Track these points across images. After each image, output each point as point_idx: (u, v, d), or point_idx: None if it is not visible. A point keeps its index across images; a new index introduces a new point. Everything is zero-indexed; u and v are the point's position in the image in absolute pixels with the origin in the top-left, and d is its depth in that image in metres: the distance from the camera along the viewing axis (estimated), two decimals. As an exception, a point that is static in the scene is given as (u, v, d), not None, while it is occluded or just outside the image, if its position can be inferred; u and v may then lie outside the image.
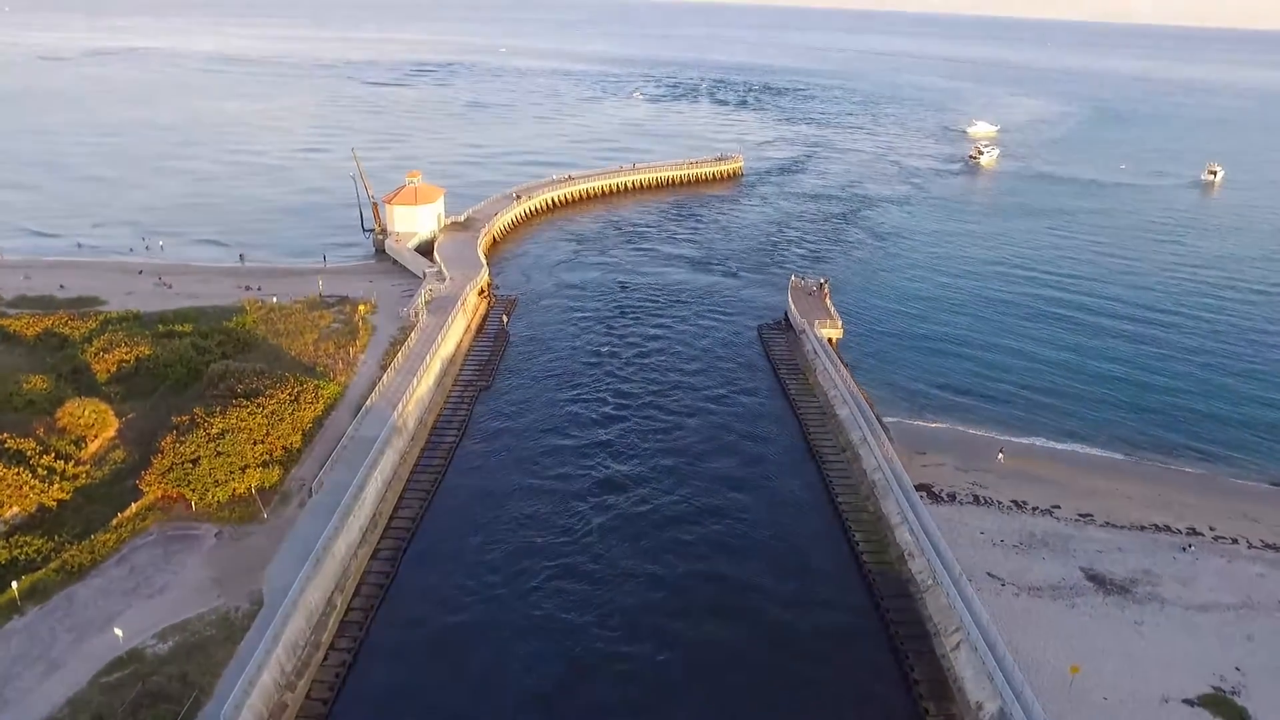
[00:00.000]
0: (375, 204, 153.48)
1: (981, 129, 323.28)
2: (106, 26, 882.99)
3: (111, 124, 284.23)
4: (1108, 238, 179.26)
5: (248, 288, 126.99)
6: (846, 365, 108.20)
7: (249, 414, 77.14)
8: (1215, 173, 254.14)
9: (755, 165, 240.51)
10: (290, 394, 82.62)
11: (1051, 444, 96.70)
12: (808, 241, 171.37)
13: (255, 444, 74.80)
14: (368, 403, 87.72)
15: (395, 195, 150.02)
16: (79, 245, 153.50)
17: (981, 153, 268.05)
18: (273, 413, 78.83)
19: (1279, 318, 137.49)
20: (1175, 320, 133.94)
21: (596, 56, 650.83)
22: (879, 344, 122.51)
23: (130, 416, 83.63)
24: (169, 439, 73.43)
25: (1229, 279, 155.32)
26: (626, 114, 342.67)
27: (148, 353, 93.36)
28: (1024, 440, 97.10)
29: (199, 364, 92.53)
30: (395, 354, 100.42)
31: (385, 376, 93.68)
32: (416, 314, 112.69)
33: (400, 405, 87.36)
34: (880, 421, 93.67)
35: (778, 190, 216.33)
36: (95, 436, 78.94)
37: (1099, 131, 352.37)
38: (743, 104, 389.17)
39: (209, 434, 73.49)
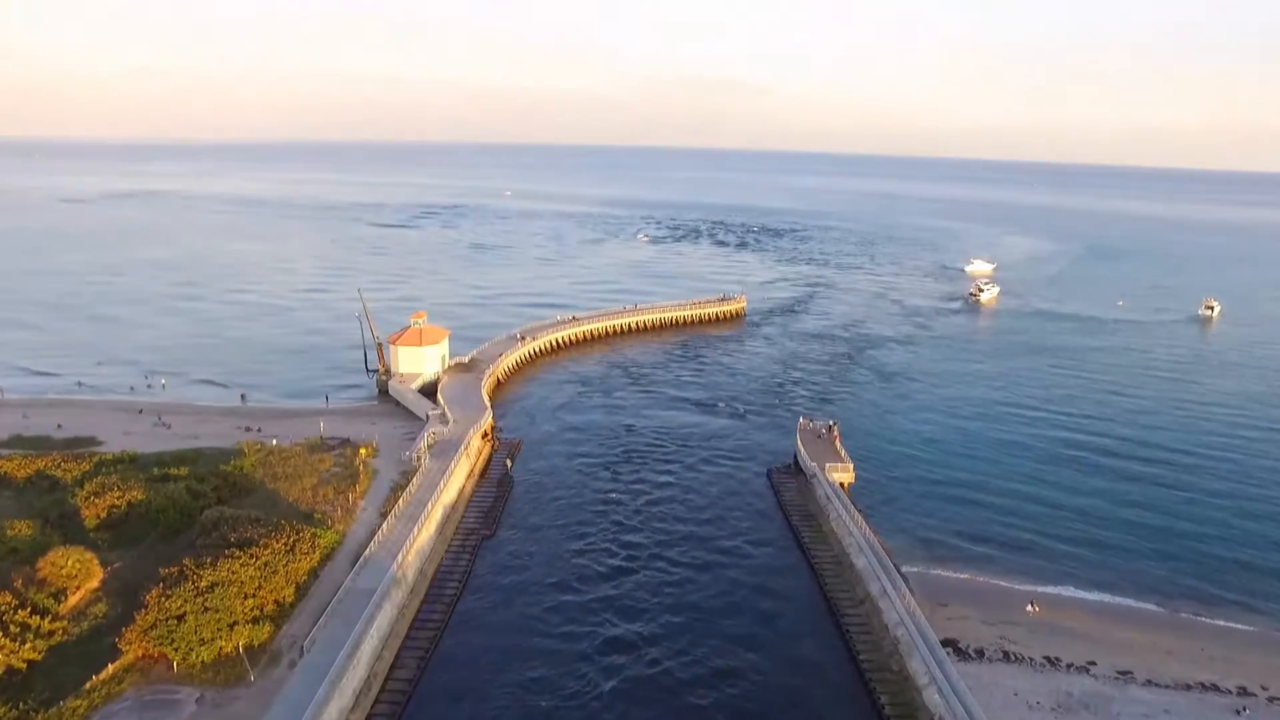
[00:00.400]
0: (380, 344, 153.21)
1: (979, 267, 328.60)
2: (127, 171, 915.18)
3: (122, 264, 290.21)
4: (1115, 376, 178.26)
5: (248, 429, 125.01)
6: (861, 511, 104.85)
7: (241, 565, 73.53)
8: (1212, 308, 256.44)
9: (758, 305, 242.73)
10: (286, 543, 79.20)
11: (1080, 594, 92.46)
12: (814, 382, 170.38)
13: (246, 598, 70.92)
14: (366, 552, 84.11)
15: (400, 336, 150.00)
16: (79, 384, 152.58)
17: (982, 290, 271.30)
18: (266, 564, 75.20)
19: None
20: (1194, 461, 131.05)
21: (598, 199, 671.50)
22: (892, 488, 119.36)
23: (116, 566, 79.92)
24: (155, 592, 69.69)
25: (1244, 418, 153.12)
26: (628, 255, 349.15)
27: (140, 497, 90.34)
28: (1050, 589, 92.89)
29: (193, 509, 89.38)
30: (396, 500, 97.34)
31: (385, 524, 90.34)
32: (419, 458, 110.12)
33: (400, 555, 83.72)
34: (899, 571, 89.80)
35: (781, 330, 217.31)
36: (77, 588, 75.06)
37: (1092, 268, 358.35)
38: (743, 245, 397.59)
39: (198, 587, 69.76)
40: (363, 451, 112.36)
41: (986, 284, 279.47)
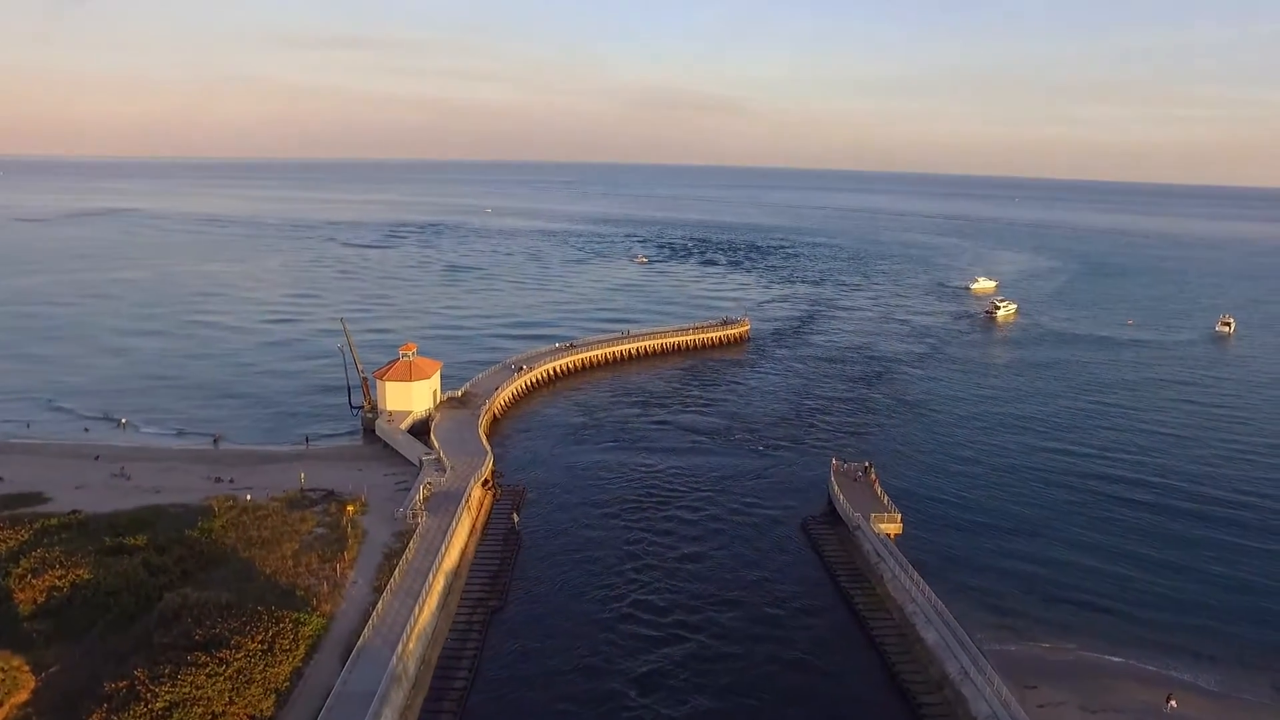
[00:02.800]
0: (365, 379, 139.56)
1: (983, 284, 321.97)
2: (93, 189, 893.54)
3: (77, 287, 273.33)
4: (1152, 406, 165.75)
5: (218, 479, 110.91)
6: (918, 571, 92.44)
7: (208, 676, 59.85)
8: (1229, 324, 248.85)
9: (760, 327, 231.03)
10: (263, 640, 65.47)
11: (1186, 676, 79.95)
12: (835, 411, 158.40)
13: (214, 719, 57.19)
14: (360, 641, 70.53)
15: (387, 370, 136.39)
16: (28, 425, 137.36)
17: (998, 308, 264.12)
18: (239, 671, 61.51)
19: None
20: (1266, 505, 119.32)
21: (581, 216, 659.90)
22: (942, 540, 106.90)
23: (53, 670, 65.82)
24: (97, 717, 55.76)
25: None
26: (617, 276, 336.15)
27: (86, 576, 76.24)
28: (1151, 667, 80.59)
29: (151, 589, 75.44)
30: (391, 570, 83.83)
31: (380, 603, 76.87)
32: (415, 515, 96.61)
33: (400, 644, 70.28)
34: (979, 647, 77.44)
35: (790, 353, 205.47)
36: (1, 703, 60.97)
37: (1093, 284, 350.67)
38: (735, 264, 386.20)
39: (152, 710, 56.08)
40: (350, 509, 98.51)
41: (1002, 301, 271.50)
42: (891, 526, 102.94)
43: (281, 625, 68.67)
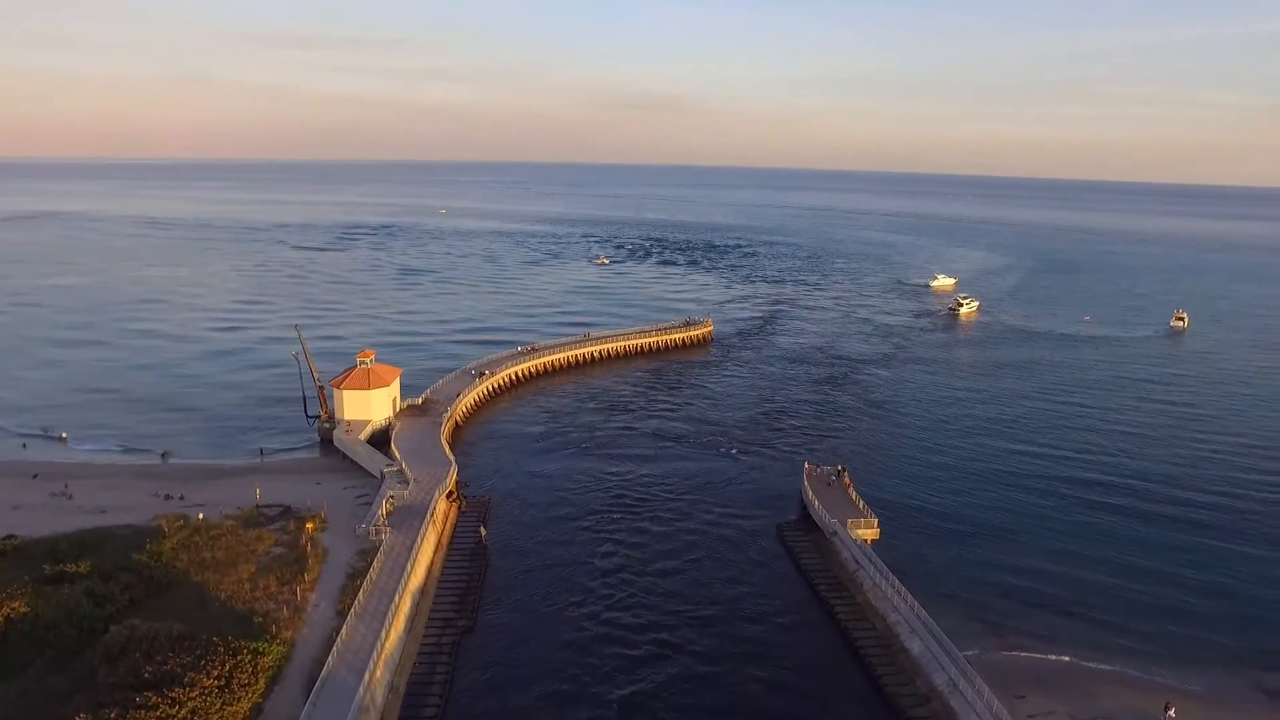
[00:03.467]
0: (321, 388, 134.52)
1: (943, 281, 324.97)
2: (34, 190, 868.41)
3: (9, 295, 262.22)
4: (1119, 405, 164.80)
5: (168, 496, 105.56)
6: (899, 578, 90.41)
7: (159, 719, 55.32)
8: (1183, 319, 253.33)
9: (722, 328, 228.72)
10: (219, 676, 61.20)
11: (1170, 680, 78.88)
12: (803, 413, 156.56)
13: (167, 766, 52.97)
14: (324, 670, 66.44)
15: (345, 378, 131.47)
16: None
17: (961, 305, 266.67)
18: (194, 712, 57.34)
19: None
20: (1237, 505, 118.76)
21: (537, 217, 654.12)
22: (917, 543, 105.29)
23: (-11, 716, 60.83)
24: (38, 770, 51.30)
25: (1269, 448, 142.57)
26: (576, 277, 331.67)
27: (22, 609, 71.08)
28: (1133, 672, 79.41)
29: (95, 621, 70.49)
30: (355, 591, 79.67)
31: (345, 627, 72.76)
32: (378, 531, 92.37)
33: (366, 672, 66.39)
34: (965, 657, 75.52)
35: (755, 354, 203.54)
36: (-67, 754, 56.12)
37: (1047, 281, 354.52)
38: (694, 264, 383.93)
39: (98, 758, 51.61)
40: (309, 526, 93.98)
41: (965, 298, 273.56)
42: (868, 532, 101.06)
43: (239, 657, 64.38)
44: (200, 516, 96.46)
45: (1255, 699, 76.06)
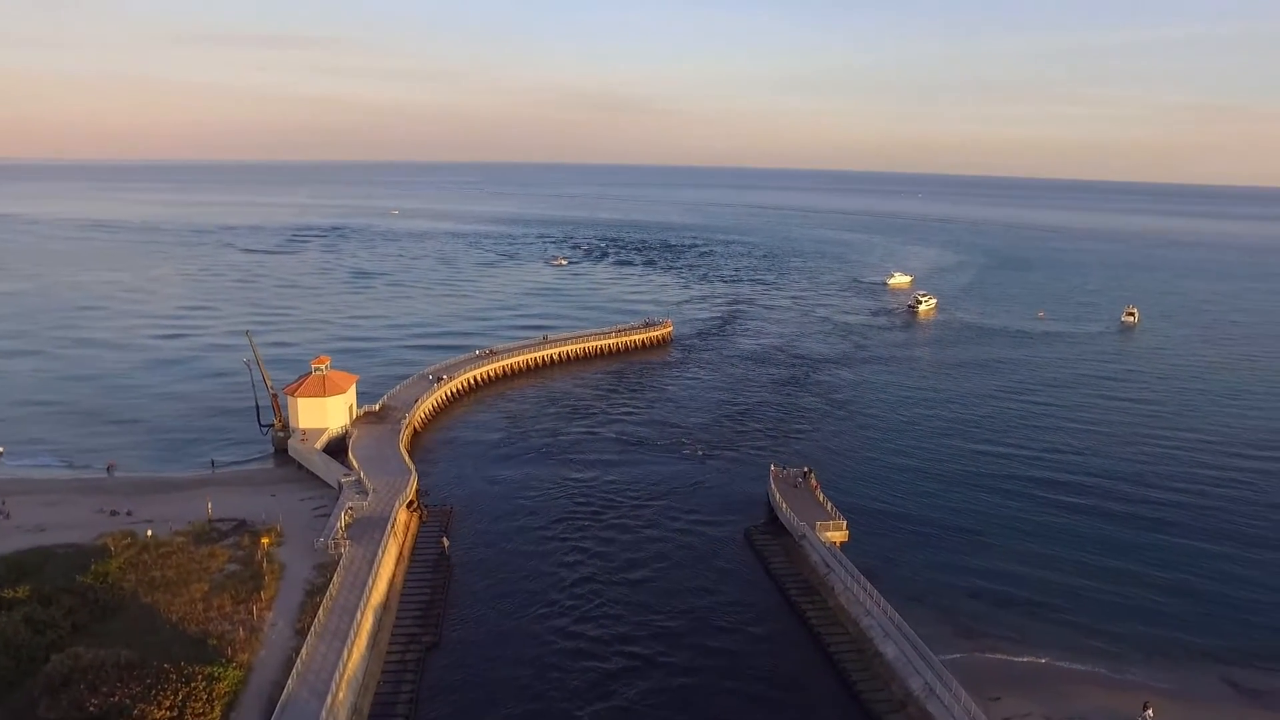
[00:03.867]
0: (274, 396, 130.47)
1: (899, 279, 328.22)
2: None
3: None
4: (1078, 403, 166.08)
5: (113, 512, 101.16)
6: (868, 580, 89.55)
7: (107, 756, 52.23)
8: (1134, 315, 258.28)
9: (682, 328, 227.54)
10: (171, 706, 58.10)
11: (1141, 678, 79.07)
12: (765, 413, 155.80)
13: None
14: (284, 695, 63.55)
15: (299, 386, 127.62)
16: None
17: (920, 302, 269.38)
18: (145, 745, 54.01)
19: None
20: (1193, 501, 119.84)
21: (491, 217, 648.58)
22: (886, 544, 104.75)
23: (-79, 755, 57.11)
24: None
25: (1224, 443, 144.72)
26: (532, 279, 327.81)
27: (-42, 639, 67.01)
28: (1102, 670, 79.45)
29: (35, 649, 66.70)
30: (315, 609, 76.60)
31: (305, 647, 69.81)
32: (337, 545, 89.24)
33: (328, 695, 63.67)
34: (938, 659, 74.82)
35: (715, 354, 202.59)
36: None
37: (1000, 278, 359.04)
38: (650, 264, 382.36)
39: (41, 801, 48.35)
40: (265, 541, 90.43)
41: (924, 296, 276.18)
42: (837, 534, 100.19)
43: (193, 684, 61.23)
44: (149, 533, 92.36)
45: (1226, 695, 76.57)
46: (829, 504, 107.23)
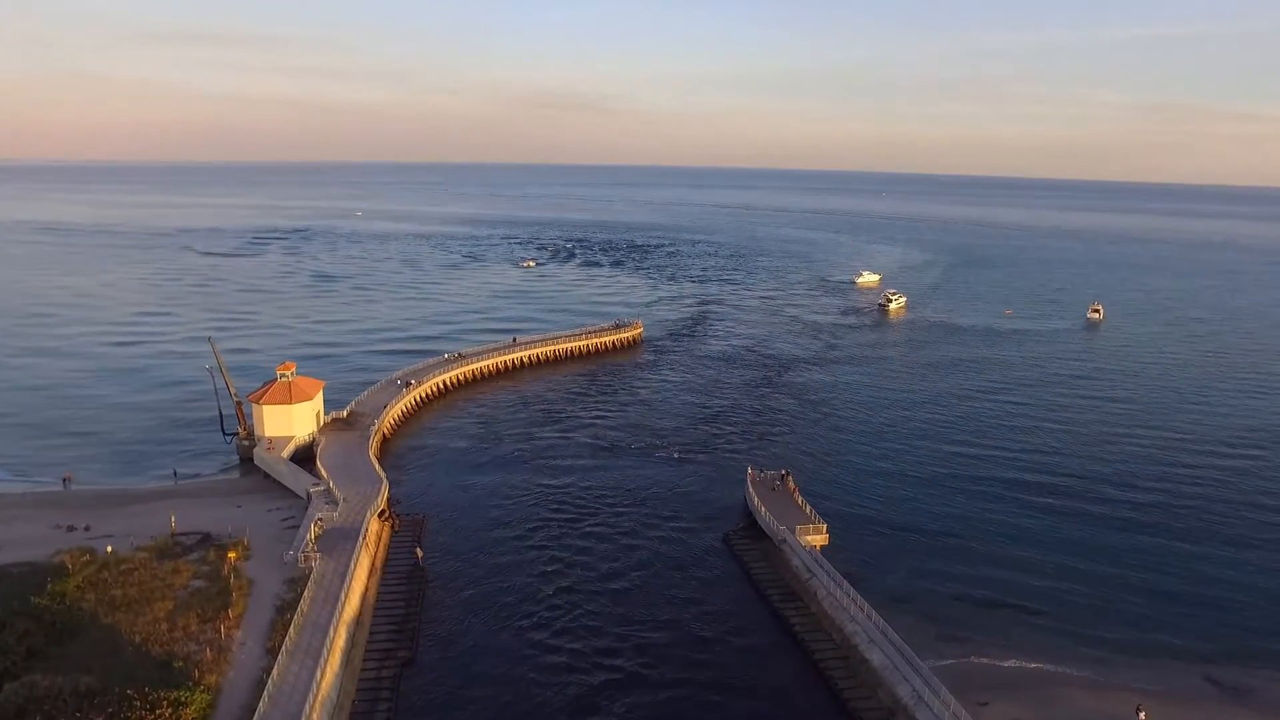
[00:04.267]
0: (239, 403, 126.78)
1: (868, 278, 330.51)
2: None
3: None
4: (1051, 403, 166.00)
5: (71, 528, 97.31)
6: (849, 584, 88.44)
7: (68, 792, 49.34)
8: (1099, 311, 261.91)
9: (652, 329, 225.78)
10: (136, 734, 55.10)
11: (1135, 676, 78.77)
12: (739, 415, 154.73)
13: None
14: (254, 718, 60.86)
15: (264, 393, 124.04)
16: None
17: (891, 300, 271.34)
18: (109, 778, 51.19)
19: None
20: (1154, 499, 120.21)
21: (456, 218, 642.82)
22: (865, 547, 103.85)
23: None
24: None
25: (1196, 441, 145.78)
26: (499, 281, 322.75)
27: (-95, 668, 63.46)
28: (1090, 673, 79.08)
29: (-10, 676, 63.35)
30: (286, 626, 73.82)
31: (276, 667, 67.08)
32: (307, 558, 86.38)
33: (302, 717, 61.05)
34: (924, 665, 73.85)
35: (687, 355, 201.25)
36: None
37: (966, 276, 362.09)
38: (618, 264, 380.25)
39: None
40: (232, 555, 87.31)
41: (894, 294, 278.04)
42: (818, 538, 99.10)
43: (158, 711, 58.41)
44: (109, 549, 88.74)
45: (1210, 694, 76.46)
46: (808, 507, 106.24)
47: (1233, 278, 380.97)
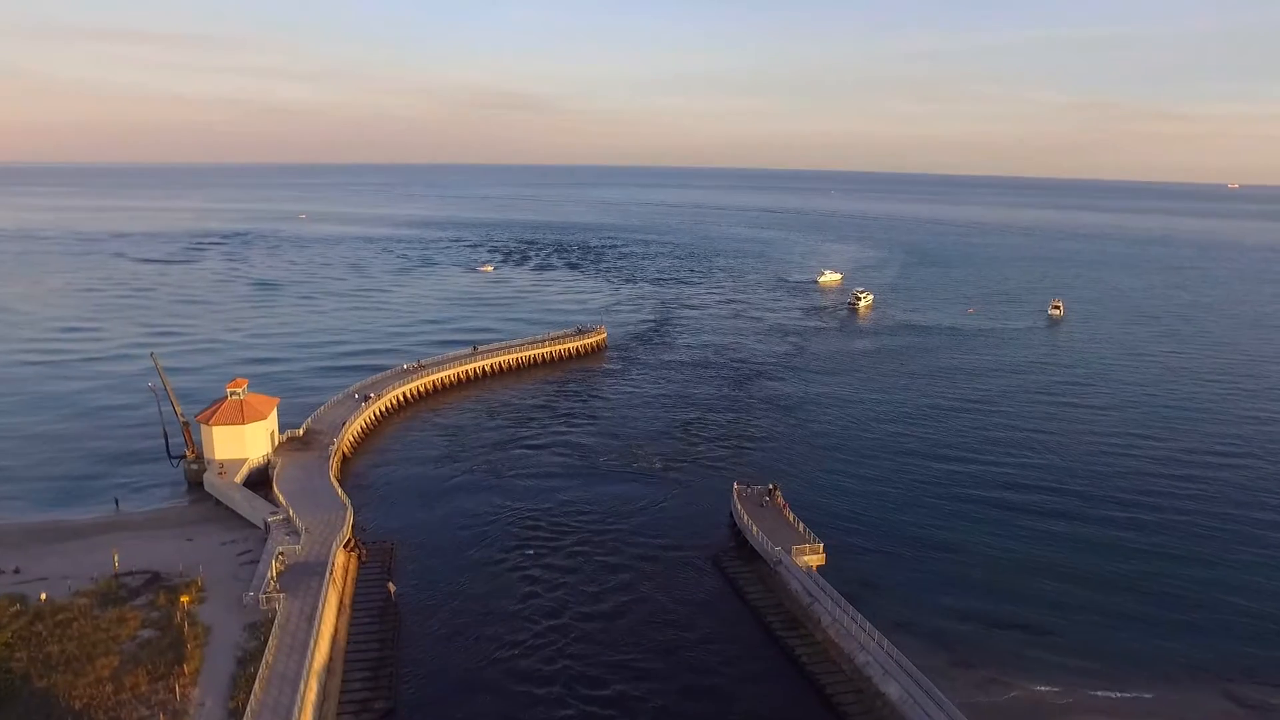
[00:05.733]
0: (185, 424, 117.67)
1: (829, 277, 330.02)
2: None
3: None
4: (1028, 405, 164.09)
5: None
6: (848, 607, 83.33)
7: None
8: (1059, 308, 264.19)
9: (615, 334, 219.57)
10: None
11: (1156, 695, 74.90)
12: (714, 421, 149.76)
13: None
14: (216, 798, 53.59)
15: (214, 412, 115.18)
16: None
17: (860, 299, 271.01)
18: None
19: None
20: (1183, 505, 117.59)
21: (403, 220, 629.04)
22: (860, 564, 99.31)
23: None
24: None
25: (1179, 444, 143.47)
26: (452, 286, 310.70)
27: None
28: (1106, 692, 75.06)
29: (-92, 756, 55.05)
30: (249, 681, 66.26)
31: (239, 733, 59.69)
32: (269, 600, 78.62)
33: (272, 794, 53.91)
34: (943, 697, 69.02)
35: (655, 361, 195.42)
36: None
37: (922, 274, 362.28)
38: (572, 266, 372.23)
39: None
40: (184, 599, 79.07)
41: (863, 292, 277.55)
42: (814, 558, 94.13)
43: (107, 797, 50.69)
44: (43, 596, 79.91)
45: (1237, 714, 72.88)
46: (800, 524, 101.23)
47: (1180, 273, 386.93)
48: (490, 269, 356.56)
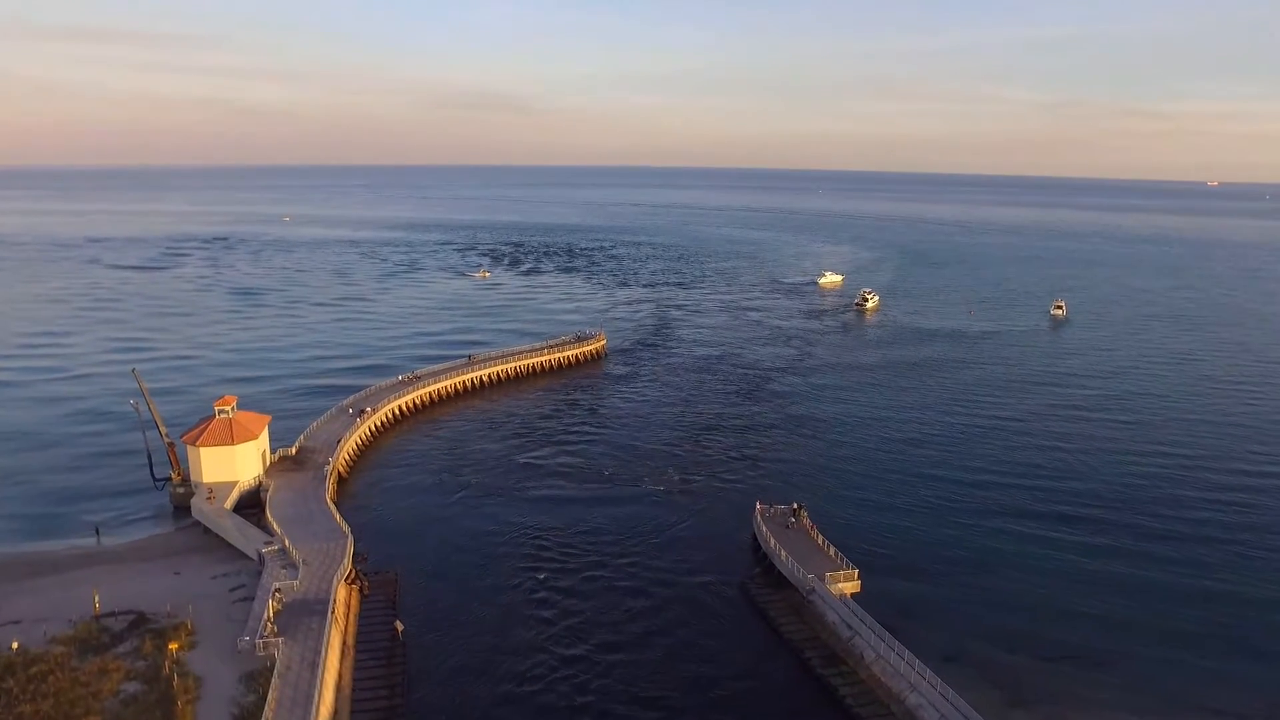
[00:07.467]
0: (170, 444, 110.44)
1: (831, 278, 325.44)
2: None
3: None
4: (1045, 413, 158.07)
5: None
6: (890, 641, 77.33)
7: None
8: (1061, 308, 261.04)
9: (614, 340, 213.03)
10: None
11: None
12: (726, 433, 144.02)
13: None
14: None
15: (201, 432, 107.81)
16: None
17: (867, 299, 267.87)
18: None
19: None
20: (1198, 515, 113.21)
21: (387, 223, 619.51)
22: (895, 589, 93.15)
23: None
24: None
25: (1221, 454, 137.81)
26: (441, 291, 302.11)
27: None
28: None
29: None
30: (246, 744, 59.55)
31: (238, 808, 52.98)
32: (267, 644, 71.77)
33: None
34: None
35: (658, 367, 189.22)
36: None
37: (919, 275, 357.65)
38: (564, 270, 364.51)
39: None
40: (173, 646, 72.11)
41: (870, 293, 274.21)
42: (849, 585, 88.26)
43: None
44: (14, 644, 72.66)
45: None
46: (830, 548, 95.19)
47: (1177, 274, 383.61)
48: (486, 275, 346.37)
